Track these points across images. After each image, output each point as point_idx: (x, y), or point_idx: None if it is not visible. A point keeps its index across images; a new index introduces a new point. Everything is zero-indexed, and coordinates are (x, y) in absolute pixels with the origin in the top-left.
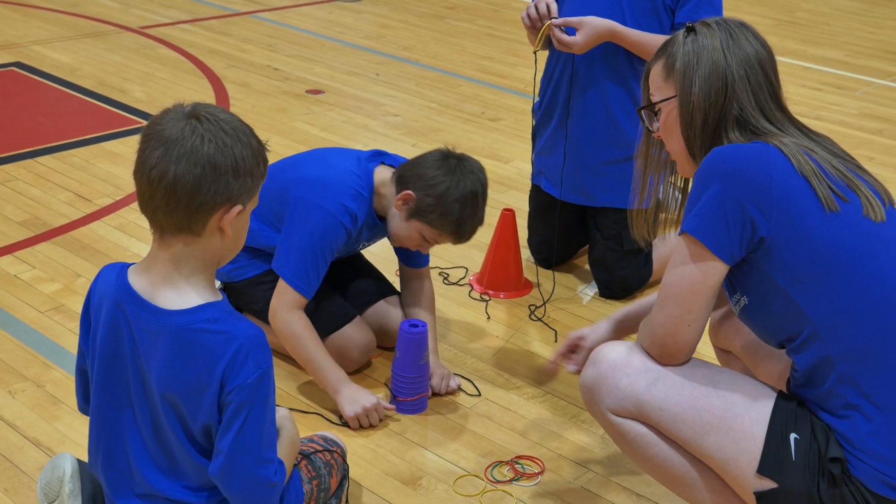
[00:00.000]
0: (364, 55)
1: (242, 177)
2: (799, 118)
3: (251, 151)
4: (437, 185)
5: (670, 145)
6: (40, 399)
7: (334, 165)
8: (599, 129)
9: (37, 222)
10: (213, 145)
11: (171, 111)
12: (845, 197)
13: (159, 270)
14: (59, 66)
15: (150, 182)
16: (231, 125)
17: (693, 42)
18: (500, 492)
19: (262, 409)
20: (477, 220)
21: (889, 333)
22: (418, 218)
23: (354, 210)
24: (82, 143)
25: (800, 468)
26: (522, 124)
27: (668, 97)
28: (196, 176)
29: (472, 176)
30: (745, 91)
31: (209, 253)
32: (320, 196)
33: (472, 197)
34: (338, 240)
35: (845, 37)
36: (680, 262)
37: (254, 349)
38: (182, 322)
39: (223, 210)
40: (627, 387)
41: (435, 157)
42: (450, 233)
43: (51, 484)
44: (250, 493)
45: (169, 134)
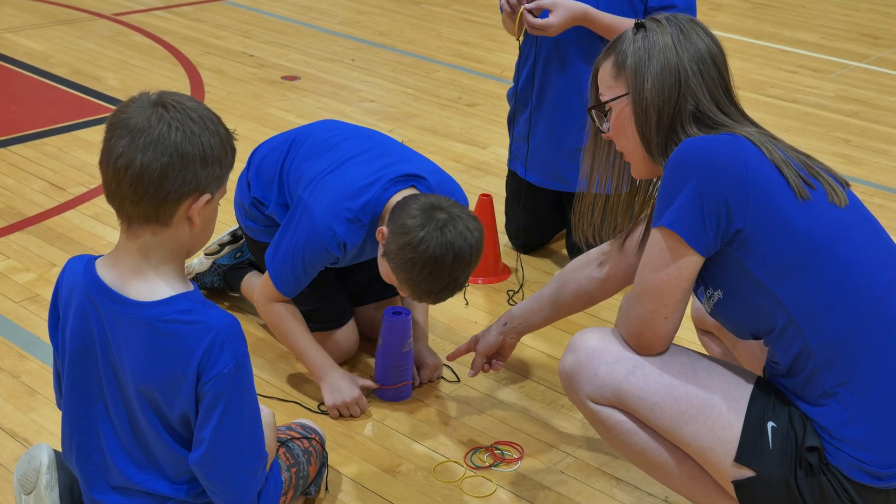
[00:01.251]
0: (339, 41)
1: (210, 165)
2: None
3: (219, 139)
4: (402, 235)
5: (623, 145)
6: (16, 390)
7: (349, 175)
8: (574, 114)
9: (11, 212)
10: (180, 133)
11: (137, 100)
12: (812, 185)
13: (128, 262)
14: (32, 53)
15: (116, 171)
16: (198, 113)
17: (644, 39)
18: (480, 477)
19: (241, 398)
20: (439, 287)
21: (864, 321)
22: (386, 259)
23: (342, 237)
24: (56, 131)
25: (777, 457)
26: (499, 109)
27: (619, 95)
28: (163, 164)
29: (447, 239)
30: (699, 86)
31: (178, 243)
32: (317, 207)
33: (433, 262)
34: (321, 260)
35: (821, 19)
36: (655, 255)
37: (229, 338)
38: (155, 314)
39: (191, 199)
40: (606, 375)
41: (424, 202)
42: (406, 288)
43: (27, 475)
44: (232, 482)
45: (135, 123)
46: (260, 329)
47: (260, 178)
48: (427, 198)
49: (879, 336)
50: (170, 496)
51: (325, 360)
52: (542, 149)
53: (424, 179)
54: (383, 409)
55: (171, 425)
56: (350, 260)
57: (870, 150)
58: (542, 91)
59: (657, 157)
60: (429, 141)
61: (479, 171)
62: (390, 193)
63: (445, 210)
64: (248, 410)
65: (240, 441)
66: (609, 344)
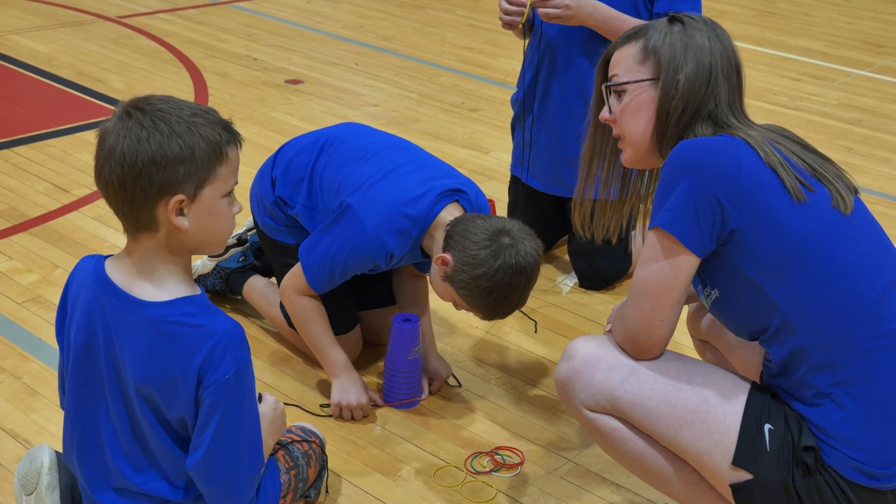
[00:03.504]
0: (343, 45)
1: (168, 166)
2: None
3: (178, 141)
4: (475, 266)
5: (628, 128)
6: (17, 391)
7: (400, 186)
8: (578, 120)
9: (14, 213)
10: (127, 141)
11: (119, 107)
12: (811, 187)
13: (134, 263)
14: (36, 55)
15: (97, 183)
16: (163, 115)
17: (681, 32)
18: (480, 483)
19: (241, 405)
20: (511, 307)
21: (858, 322)
22: (452, 285)
23: (392, 248)
24: (60, 133)
25: (774, 458)
26: (502, 114)
27: (645, 79)
28: (119, 176)
29: (520, 264)
30: (724, 89)
31: (176, 246)
32: (367, 215)
33: (510, 288)
34: (363, 266)
35: (824, 27)
36: (651, 256)
37: (231, 344)
38: (159, 314)
39: (163, 202)
40: (601, 382)
41: (487, 229)
42: (478, 313)
43: (28, 476)
44: (228, 488)
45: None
46: (261, 332)
47: (287, 177)
48: (486, 221)
49: (875, 337)
50: (169, 498)
51: (342, 361)
52: (545, 154)
53: (466, 194)
54: (384, 413)
55: (169, 426)
56: (392, 265)
57: (873, 157)
58: (546, 96)
59: (664, 148)
60: (431, 146)
61: (481, 176)
62: (439, 209)
63: (509, 234)
64: (247, 417)
65: (238, 448)
66: (604, 351)
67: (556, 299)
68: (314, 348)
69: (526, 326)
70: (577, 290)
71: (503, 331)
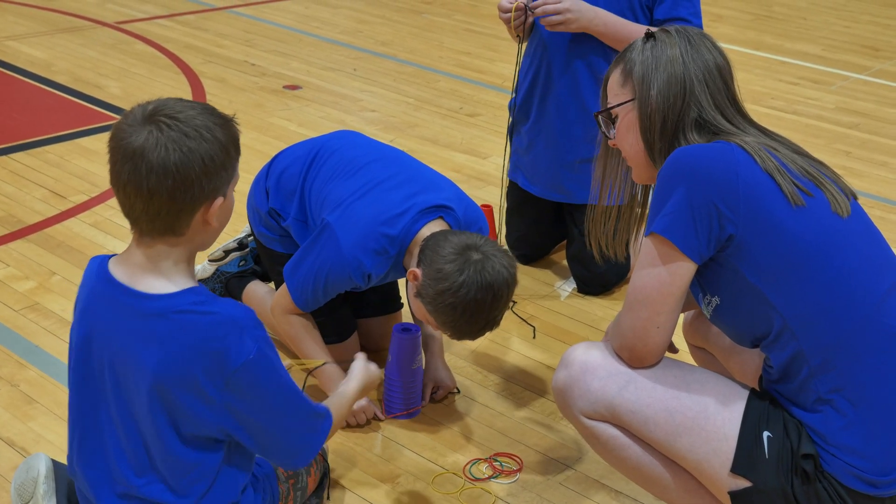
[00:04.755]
0: (341, 50)
1: (215, 173)
2: (776, 113)
3: (218, 146)
4: (441, 281)
5: (627, 150)
6: (14, 398)
7: (380, 202)
8: (575, 126)
9: (11, 219)
10: (178, 154)
11: (131, 116)
12: (809, 192)
13: (138, 262)
14: (34, 61)
15: (127, 196)
16: (192, 125)
17: (653, 48)
18: (479, 489)
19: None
20: (479, 327)
21: (859, 328)
22: (421, 301)
23: (368, 269)
24: (57, 139)
25: (773, 466)
26: (501, 120)
27: (624, 101)
28: (169, 188)
29: (486, 280)
30: (703, 94)
31: (193, 244)
32: (344, 234)
33: (475, 304)
34: (343, 286)
35: (822, 31)
36: (648, 263)
37: (247, 325)
38: (167, 305)
39: (205, 207)
40: (599, 390)
41: (456, 244)
42: (447, 330)
43: (25, 485)
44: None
45: (134, 146)
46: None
47: (280, 189)
48: (458, 237)
49: (875, 343)
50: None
51: (336, 373)
52: (543, 160)
53: (452, 210)
54: (383, 420)
55: (178, 426)
56: (370, 286)
57: (870, 161)
58: (543, 102)
59: (658, 163)
60: (429, 151)
61: (479, 181)
62: (419, 226)
63: (479, 250)
64: (282, 385)
65: (285, 415)
66: (601, 359)
67: (554, 305)
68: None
69: (524, 332)
70: (575, 296)
71: (502, 337)
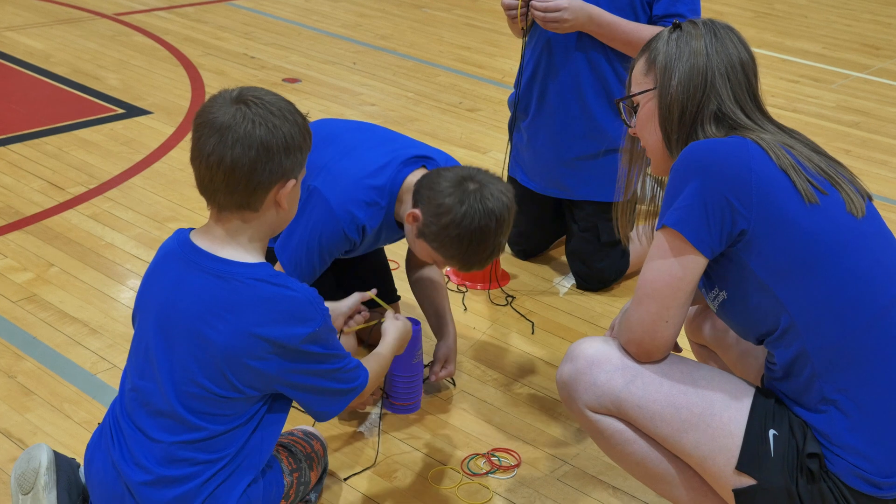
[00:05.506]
0: (341, 44)
1: (293, 153)
2: (776, 111)
3: (298, 129)
4: (444, 215)
5: (646, 140)
6: (11, 390)
7: (362, 159)
8: (576, 122)
9: (9, 211)
10: (263, 128)
11: (219, 98)
12: (824, 190)
13: (218, 235)
14: (32, 52)
15: (209, 167)
16: (276, 106)
17: (678, 39)
18: (477, 484)
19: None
20: (487, 254)
21: (866, 329)
22: (425, 240)
23: (362, 220)
24: (56, 130)
25: (778, 465)
26: (500, 114)
27: (646, 90)
28: (251, 158)
29: (487, 207)
30: (724, 88)
31: (265, 225)
32: (332, 193)
33: (480, 232)
34: (339, 246)
35: (823, 29)
36: (659, 256)
37: (314, 299)
38: (249, 272)
39: (279, 185)
40: (605, 384)
41: (452, 178)
42: (455, 263)
43: (26, 475)
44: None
45: (221, 121)
46: None
47: None
48: (451, 171)
49: (883, 345)
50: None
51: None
52: (543, 156)
53: (433, 160)
54: (381, 414)
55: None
56: (366, 247)
57: (870, 160)
58: (543, 98)
59: (675, 154)
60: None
61: None
62: (404, 175)
63: (474, 179)
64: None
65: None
66: (608, 353)
67: (553, 301)
68: None
69: (523, 328)
70: (574, 292)
71: (500, 332)
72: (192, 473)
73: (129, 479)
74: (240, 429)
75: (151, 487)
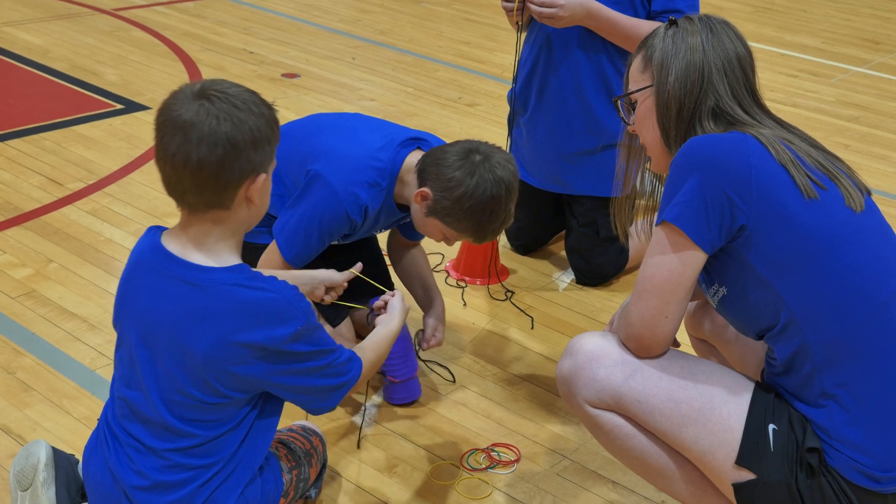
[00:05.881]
0: (340, 39)
1: (261, 146)
2: (775, 105)
3: (265, 120)
4: (455, 188)
5: (645, 137)
6: (11, 386)
7: (361, 142)
8: (575, 117)
9: (8, 206)
10: (228, 124)
11: (180, 94)
12: (824, 185)
13: (190, 239)
14: (31, 47)
15: (175, 168)
16: (241, 99)
17: (674, 35)
18: (477, 479)
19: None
20: (500, 223)
21: (866, 324)
22: (436, 217)
23: (365, 201)
24: (54, 126)
25: (778, 459)
26: (500, 110)
27: (643, 87)
28: (219, 156)
29: (497, 176)
30: (721, 83)
31: (238, 223)
32: (334, 175)
33: (493, 201)
34: (340, 227)
35: (822, 24)
36: (658, 251)
37: (294, 298)
38: (221, 278)
39: (249, 181)
40: (605, 379)
41: (457, 152)
42: (469, 235)
43: (24, 471)
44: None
45: (185, 118)
46: None
47: None
48: (454, 146)
49: (882, 339)
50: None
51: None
52: (542, 151)
53: (427, 141)
54: (380, 409)
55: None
56: (363, 232)
57: (869, 155)
58: (542, 94)
59: (674, 150)
60: None
61: None
62: (403, 156)
63: (479, 151)
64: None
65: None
66: (607, 348)
67: (552, 296)
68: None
69: (522, 323)
70: (573, 287)
71: (500, 327)
72: (189, 478)
73: (125, 484)
74: (232, 432)
75: (148, 492)
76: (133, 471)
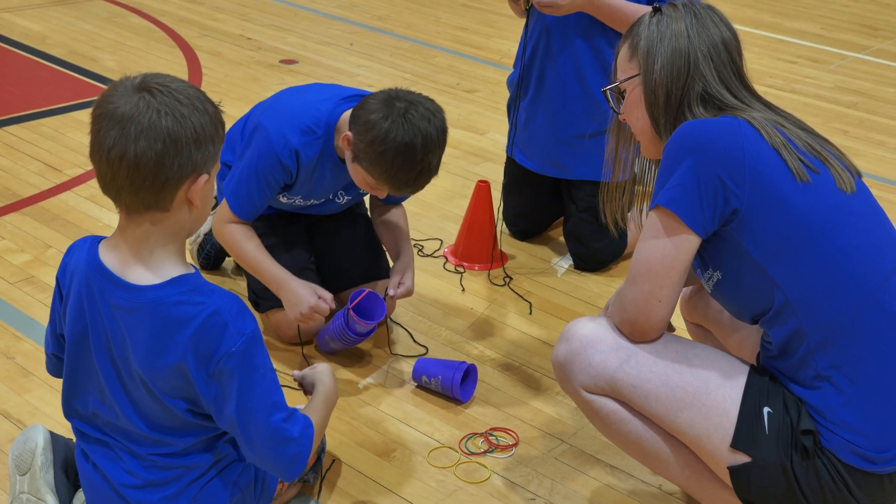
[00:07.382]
0: (338, 25)
1: (204, 145)
2: (774, 91)
3: (209, 118)
4: (370, 131)
5: (634, 125)
6: (10, 371)
7: (303, 96)
8: (574, 102)
9: (6, 192)
10: (170, 118)
11: (120, 86)
12: (815, 168)
13: (129, 247)
14: (28, 34)
15: (110, 163)
16: (185, 94)
17: (658, 22)
18: (475, 464)
19: (253, 373)
20: (415, 174)
21: (860, 306)
22: (357, 162)
23: (295, 145)
24: (52, 112)
25: (773, 441)
26: (498, 95)
27: (631, 76)
28: (158, 152)
29: (413, 124)
30: (708, 69)
31: (178, 226)
32: (270, 123)
33: (406, 148)
34: (274, 172)
35: (821, 10)
36: (652, 235)
37: (234, 316)
38: (157, 297)
39: (190, 181)
40: (600, 364)
41: (381, 97)
42: (384, 182)
43: (23, 456)
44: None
45: (122, 111)
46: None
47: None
48: (383, 93)
49: (877, 321)
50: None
51: (281, 272)
52: (541, 136)
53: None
54: (378, 393)
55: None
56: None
57: (868, 141)
58: (542, 78)
59: (664, 137)
60: None
61: (476, 157)
62: (343, 109)
63: (403, 98)
64: (265, 384)
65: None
66: (603, 333)
67: (551, 281)
68: (253, 269)
69: (521, 308)
70: (572, 272)
71: (498, 312)
72: (179, 475)
73: (116, 483)
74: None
75: (140, 490)
76: (123, 470)
